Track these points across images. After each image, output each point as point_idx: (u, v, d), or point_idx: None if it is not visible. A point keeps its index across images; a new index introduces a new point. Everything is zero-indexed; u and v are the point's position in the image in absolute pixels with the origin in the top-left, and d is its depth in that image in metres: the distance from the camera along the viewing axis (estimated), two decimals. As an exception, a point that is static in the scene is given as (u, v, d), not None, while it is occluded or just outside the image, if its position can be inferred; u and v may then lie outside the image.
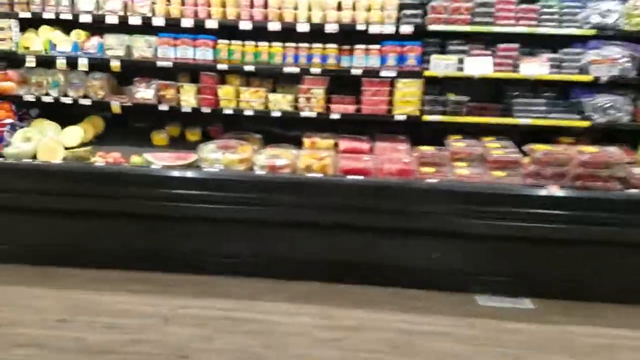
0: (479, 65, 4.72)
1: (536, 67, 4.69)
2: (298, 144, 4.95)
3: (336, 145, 4.90)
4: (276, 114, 4.90)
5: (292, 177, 4.43)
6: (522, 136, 4.93)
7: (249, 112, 4.93)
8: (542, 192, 4.30)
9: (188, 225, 4.54)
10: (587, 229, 4.23)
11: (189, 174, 4.46)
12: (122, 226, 4.58)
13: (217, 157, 4.57)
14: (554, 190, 4.28)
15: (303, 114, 4.86)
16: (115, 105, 5.03)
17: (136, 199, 4.46)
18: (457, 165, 4.58)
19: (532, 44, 4.87)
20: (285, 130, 5.32)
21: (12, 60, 5.05)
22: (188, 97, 4.99)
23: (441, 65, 4.72)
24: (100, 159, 4.64)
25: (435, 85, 4.97)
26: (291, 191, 4.40)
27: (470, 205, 4.29)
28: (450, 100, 4.82)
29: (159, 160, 4.61)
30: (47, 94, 5.04)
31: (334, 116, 4.86)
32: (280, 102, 4.90)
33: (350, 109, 4.87)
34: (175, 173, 4.46)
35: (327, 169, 4.51)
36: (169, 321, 4.06)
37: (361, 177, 4.39)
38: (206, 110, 4.98)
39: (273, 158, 4.60)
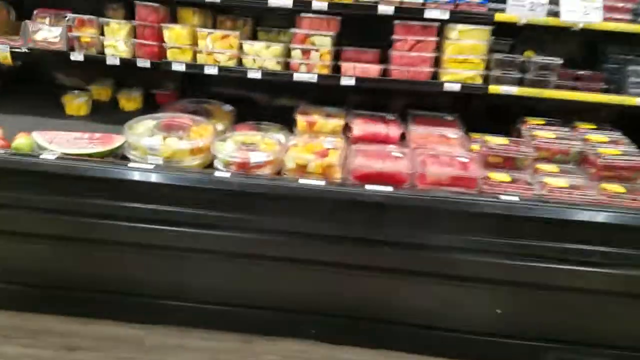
0: (581, 9, 2.89)
1: (679, 15, 2.87)
2: (288, 124, 3.16)
3: (347, 128, 3.12)
4: (254, 74, 3.10)
5: (275, 184, 2.66)
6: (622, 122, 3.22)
7: (211, 70, 3.12)
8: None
9: (103, 251, 2.82)
10: None
11: (102, 171, 2.67)
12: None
13: (154, 144, 2.78)
14: None
15: (298, 75, 3.07)
16: (4, 52, 3.20)
17: (13, 209, 2.71)
18: (543, 170, 2.82)
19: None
20: (269, 99, 3.54)
21: None
22: (116, 42, 3.16)
23: (525, 4, 2.88)
24: (-34, 140, 2.85)
25: (505, 38, 3.18)
26: (272, 208, 2.65)
27: (566, 241, 2.56)
28: (533, 62, 3.01)
29: (57, 144, 2.82)
30: None
31: (346, 81, 3.06)
32: (262, 56, 3.09)
33: (373, 70, 3.07)
34: (80, 169, 2.67)
35: (332, 171, 2.75)
36: None
37: (388, 188, 2.62)
38: (144, 63, 3.16)
39: (246, 149, 2.82)
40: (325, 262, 2.69)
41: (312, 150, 2.82)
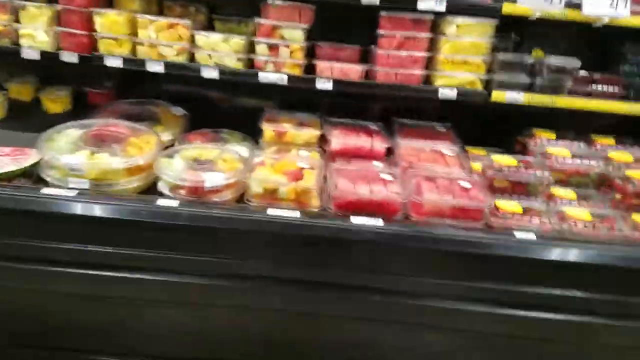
0: (606, 1, 2.43)
1: None
2: (252, 132, 2.61)
3: (324, 139, 2.58)
4: (210, 73, 2.52)
5: (236, 216, 2.08)
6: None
7: (154, 66, 2.53)
8: None
9: (13, 299, 2.19)
10: None
11: (5, 200, 2.04)
12: None
13: (77, 162, 2.16)
14: None
15: (263, 76, 2.51)
16: None
17: None
18: (559, 196, 2.36)
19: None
20: (230, 100, 2.97)
21: None
22: (34, 31, 2.52)
23: (539, -6, 2.41)
24: None
25: (507, 35, 2.72)
26: (232, 246, 2.08)
27: (597, 291, 2.09)
28: (545, 64, 2.54)
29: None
30: None
31: (322, 84, 2.53)
32: (219, 51, 2.51)
33: (354, 71, 2.54)
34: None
35: (308, 197, 2.20)
36: None
37: (379, 222, 2.09)
38: (70, 57, 2.53)
39: (199, 168, 2.24)
40: (301, 313, 2.15)
41: (283, 170, 2.26)
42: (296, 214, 2.09)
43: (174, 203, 2.08)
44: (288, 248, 2.06)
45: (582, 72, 2.64)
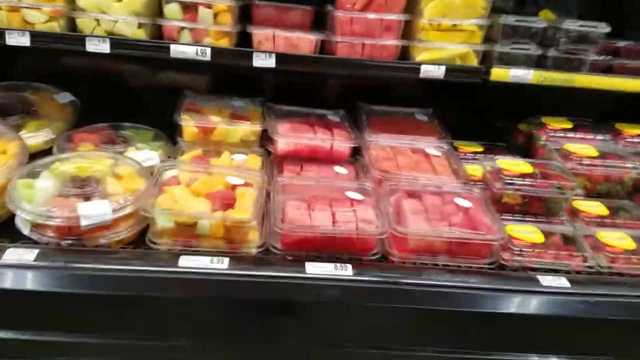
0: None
1: None
2: (169, 127, 1.88)
3: (267, 137, 1.87)
4: (98, 45, 1.76)
5: (129, 272, 1.35)
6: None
7: (17, 38, 1.74)
8: None
9: None
10: None
11: None
12: None
13: None
14: None
15: (177, 49, 1.76)
16: None
17: None
18: (586, 213, 1.74)
19: None
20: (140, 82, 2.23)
21: None
22: None
23: None
24: None
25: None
26: (129, 322, 1.37)
27: None
28: (563, 30, 1.88)
29: None
30: None
31: (262, 61, 1.80)
32: (110, 14, 1.74)
33: (305, 41, 1.83)
34: None
35: (242, 234, 1.49)
36: None
37: (345, 270, 1.42)
38: None
39: (73, 193, 1.49)
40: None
41: (207, 192, 1.54)
42: (223, 264, 1.39)
43: (30, 255, 1.34)
44: (211, 318, 1.37)
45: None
